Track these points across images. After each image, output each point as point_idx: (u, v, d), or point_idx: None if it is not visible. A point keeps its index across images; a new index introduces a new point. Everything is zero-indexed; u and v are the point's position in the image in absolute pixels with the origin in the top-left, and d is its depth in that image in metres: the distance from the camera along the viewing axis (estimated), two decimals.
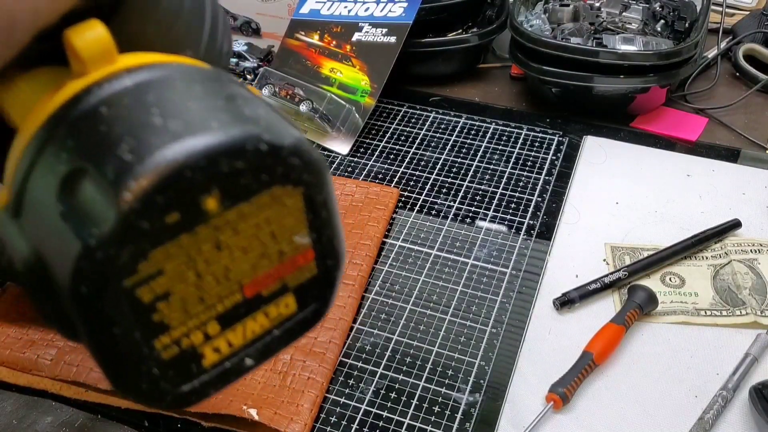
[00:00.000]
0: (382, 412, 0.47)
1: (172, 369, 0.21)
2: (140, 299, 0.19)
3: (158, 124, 0.18)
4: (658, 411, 0.46)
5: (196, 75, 0.21)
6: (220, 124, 0.19)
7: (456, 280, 0.56)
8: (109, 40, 0.21)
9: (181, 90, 0.20)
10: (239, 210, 0.20)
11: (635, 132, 0.71)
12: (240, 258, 0.21)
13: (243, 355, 0.22)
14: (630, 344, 0.50)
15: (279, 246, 0.21)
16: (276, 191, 0.20)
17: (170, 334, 0.20)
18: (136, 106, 0.19)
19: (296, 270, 0.22)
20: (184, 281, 0.20)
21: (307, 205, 0.21)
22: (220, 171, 0.18)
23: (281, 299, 0.22)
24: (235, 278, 0.21)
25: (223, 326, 0.21)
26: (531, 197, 0.63)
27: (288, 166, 0.20)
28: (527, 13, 0.77)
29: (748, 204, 0.61)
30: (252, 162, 0.19)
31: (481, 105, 0.76)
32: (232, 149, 0.18)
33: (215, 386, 0.22)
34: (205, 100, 0.20)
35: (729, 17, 0.84)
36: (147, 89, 0.20)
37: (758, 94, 0.74)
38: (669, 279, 0.54)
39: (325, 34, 0.76)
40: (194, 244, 0.19)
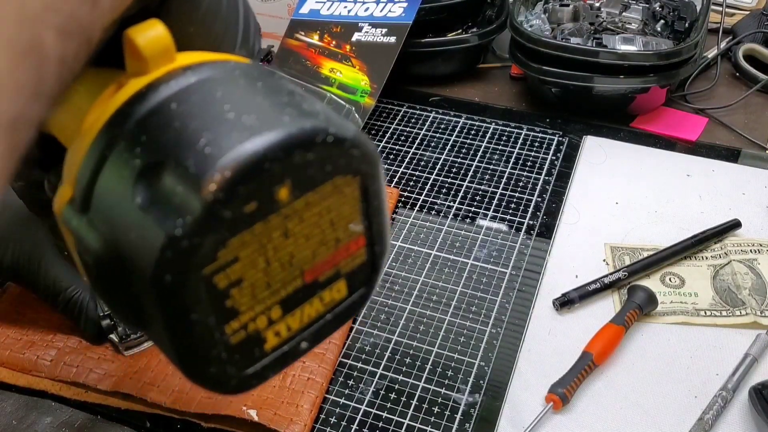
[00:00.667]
0: (381, 413, 0.47)
1: (238, 353, 0.21)
2: (216, 286, 0.20)
3: (233, 119, 0.19)
4: (657, 411, 0.46)
5: (254, 72, 0.22)
6: (291, 118, 0.20)
7: (456, 280, 0.56)
8: (170, 39, 0.22)
9: (245, 86, 0.21)
10: (306, 199, 0.21)
11: (635, 132, 0.70)
12: (303, 245, 0.22)
13: (299, 339, 0.23)
14: (630, 345, 0.50)
15: (336, 233, 0.22)
16: (337, 180, 0.21)
17: (239, 319, 0.21)
18: (207, 102, 0.20)
19: (349, 256, 0.23)
20: (255, 268, 0.20)
21: (362, 194, 0.22)
22: (293, 162, 0.19)
23: (334, 285, 0.23)
24: (298, 264, 0.22)
25: (285, 311, 0.22)
26: (531, 197, 0.63)
27: (349, 157, 0.21)
28: (527, 13, 0.77)
29: (748, 204, 0.61)
30: (320, 153, 0.20)
31: (480, 105, 0.76)
32: (305, 141, 0.19)
33: (273, 369, 0.23)
34: (270, 96, 0.21)
35: (729, 17, 0.84)
36: (213, 86, 0.21)
37: (758, 94, 0.74)
38: (669, 279, 0.54)
39: (325, 34, 0.76)
40: (266, 232, 0.20)
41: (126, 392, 0.47)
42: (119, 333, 0.49)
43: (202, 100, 0.20)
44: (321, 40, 0.76)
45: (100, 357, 0.49)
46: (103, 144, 0.20)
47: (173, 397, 0.46)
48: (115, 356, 0.49)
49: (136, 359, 0.49)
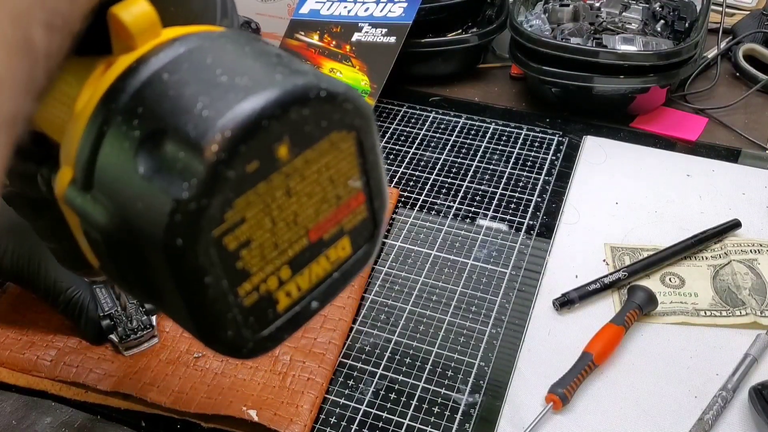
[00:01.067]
0: (381, 413, 0.47)
1: (252, 315, 0.22)
2: (227, 247, 0.20)
3: (227, 82, 0.20)
4: (657, 411, 0.46)
5: (239, 38, 0.22)
6: (283, 76, 0.20)
7: (456, 280, 0.56)
8: (155, 14, 0.22)
9: (233, 51, 0.21)
10: (305, 156, 0.21)
11: (635, 132, 0.70)
12: (306, 203, 0.22)
13: (310, 298, 0.23)
14: (630, 345, 0.50)
15: (336, 190, 0.23)
16: (333, 136, 0.22)
17: (251, 280, 0.21)
18: (199, 68, 0.20)
19: (350, 213, 0.24)
20: (262, 228, 0.21)
21: (358, 149, 0.23)
22: (290, 119, 0.20)
23: (339, 242, 0.24)
24: (302, 223, 0.22)
25: (294, 271, 0.22)
26: (531, 197, 0.63)
27: (343, 112, 0.21)
28: (527, 13, 0.77)
29: (748, 204, 0.61)
30: (315, 109, 0.20)
31: (480, 105, 0.76)
32: (300, 97, 0.20)
33: (288, 330, 0.23)
34: (259, 58, 0.21)
35: (729, 17, 0.84)
36: (202, 54, 0.21)
37: (758, 94, 0.74)
38: (669, 279, 0.54)
39: (325, 34, 0.76)
40: (269, 192, 0.21)
41: (126, 392, 0.47)
42: (119, 333, 0.49)
43: (194, 68, 0.20)
44: (321, 40, 0.76)
45: (100, 357, 0.49)
46: (100, 120, 0.21)
47: (173, 397, 0.46)
48: (115, 356, 0.49)
49: (135, 359, 0.49)
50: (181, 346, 0.50)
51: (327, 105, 0.21)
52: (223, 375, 0.48)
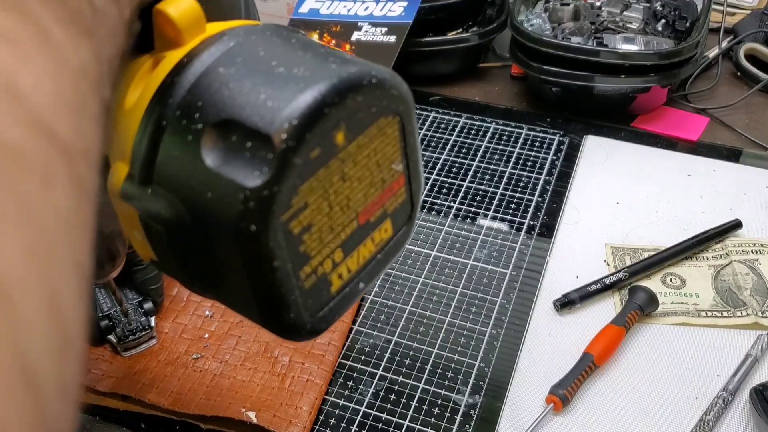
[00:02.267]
0: (381, 414, 0.46)
1: (311, 297, 0.22)
2: (292, 232, 0.21)
3: (285, 73, 0.20)
4: (658, 412, 0.46)
5: (282, 31, 0.23)
6: (336, 66, 0.21)
7: (456, 281, 0.55)
8: (199, 10, 0.23)
9: (281, 43, 0.22)
10: (358, 142, 0.22)
11: (636, 132, 0.70)
12: (356, 188, 0.23)
13: (358, 279, 0.24)
14: (630, 346, 0.49)
15: (382, 174, 0.24)
16: (381, 122, 0.23)
17: (311, 263, 0.22)
18: (253, 61, 0.21)
19: (393, 196, 0.25)
20: (321, 212, 0.22)
21: (401, 133, 0.24)
22: (347, 106, 0.21)
23: (382, 224, 0.25)
24: (353, 207, 0.23)
25: (345, 253, 0.23)
26: (531, 197, 0.63)
27: (390, 98, 0.22)
28: (527, 12, 0.76)
29: (749, 204, 0.60)
30: (368, 95, 0.21)
31: (481, 105, 0.76)
32: (355, 84, 0.21)
33: (338, 311, 0.24)
34: (308, 49, 0.22)
35: (730, 16, 0.84)
36: (253, 46, 0.22)
37: (759, 94, 0.74)
38: (669, 280, 0.54)
39: (325, 33, 0.76)
40: (328, 177, 0.21)
41: (124, 393, 0.47)
42: (118, 334, 0.49)
43: (249, 60, 0.21)
44: (320, 39, 0.76)
45: (99, 358, 0.49)
46: (157, 115, 0.21)
47: (172, 398, 0.46)
48: (113, 357, 0.49)
49: (134, 360, 0.49)
50: (179, 348, 0.50)
51: (377, 91, 0.22)
52: (221, 376, 0.48)
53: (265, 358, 0.49)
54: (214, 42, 0.22)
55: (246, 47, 0.22)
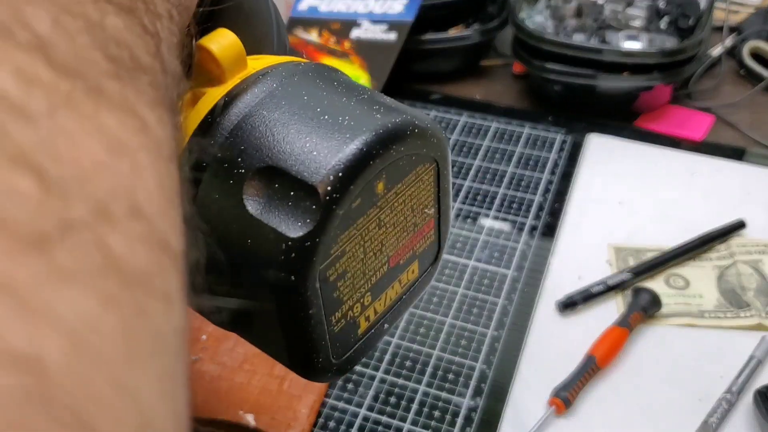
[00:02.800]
0: (381, 417, 0.46)
1: (339, 341, 0.23)
2: (328, 280, 0.21)
3: (330, 121, 0.20)
4: (661, 414, 0.45)
5: (323, 71, 0.23)
6: (381, 115, 0.21)
7: (457, 281, 0.55)
8: (241, 46, 0.22)
9: (324, 87, 0.22)
10: (396, 190, 0.22)
11: (639, 130, 0.70)
12: (390, 233, 0.23)
13: (383, 321, 0.25)
14: (633, 347, 0.49)
15: (415, 218, 0.24)
16: (419, 169, 0.23)
17: (342, 308, 0.22)
18: (297, 105, 0.21)
19: (422, 238, 0.25)
20: (356, 259, 0.22)
21: (436, 178, 0.24)
22: (390, 156, 0.21)
23: (410, 266, 0.25)
24: (386, 252, 0.23)
25: (373, 297, 0.24)
26: (533, 197, 0.62)
27: (429, 146, 0.23)
28: (529, 9, 0.76)
29: (754, 204, 0.60)
30: (410, 145, 0.21)
31: (482, 103, 0.75)
32: (399, 135, 0.21)
33: (363, 352, 0.24)
34: (350, 94, 0.22)
35: (734, 14, 0.83)
36: (296, 89, 0.21)
37: (764, 93, 0.73)
38: (673, 281, 0.54)
39: (324, 31, 0.75)
40: (365, 225, 0.22)
41: None
42: None
43: (293, 104, 0.21)
44: (320, 37, 0.75)
45: None
46: (197, 155, 0.21)
47: None
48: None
49: None
50: None
51: (419, 140, 0.22)
52: (220, 379, 0.47)
53: (264, 360, 0.48)
54: (256, 82, 0.21)
55: (289, 90, 0.21)
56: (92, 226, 0.12)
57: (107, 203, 0.12)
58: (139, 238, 0.13)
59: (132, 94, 0.15)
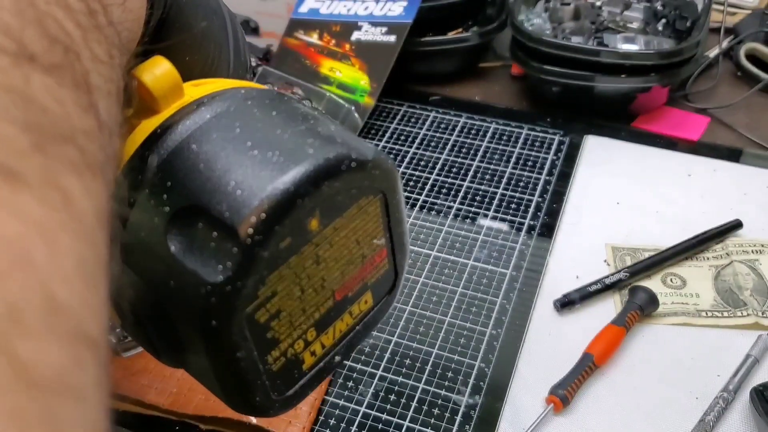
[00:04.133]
0: (381, 414, 0.46)
1: (279, 378, 0.22)
2: (258, 321, 0.20)
3: (258, 156, 0.19)
4: (658, 413, 0.45)
5: (265, 99, 0.22)
6: (314, 149, 0.20)
7: (456, 281, 0.55)
8: (177, 75, 0.21)
9: (261, 117, 0.21)
10: (334, 225, 0.21)
11: (636, 132, 0.70)
12: (333, 267, 0.22)
13: (333, 353, 0.24)
14: (631, 346, 0.49)
15: (362, 250, 0.23)
16: (362, 202, 0.22)
17: (279, 347, 0.21)
18: (228, 139, 0.20)
19: (374, 269, 0.24)
20: (291, 298, 0.21)
21: (383, 209, 0.23)
22: (322, 193, 0.20)
23: (362, 297, 0.24)
24: (329, 286, 0.22)
25: (319, 332, 0.23)
26: (531, 197, 0.63)
27: (372, 178, 0.21)
28: (528, 11, 0.76)
29: (750, 204, 0.60)
30: (346, 180, 0.20)
31: (481, 104, 0.75)
32: (332, 171, 0.20)
33: (311, 386, 0.23)
34: (287, 125, 0.20)
35: (730, 16, 0.84)
36: (230, 121, 0.20)
37: (760, 94, 0.74)
38: (670, 280, 0.54)
39: (324, 33, 0.76)
40: (300, 263, 0.20)
41: (123, 394, 0.47)
42: (117, 334, 0.49)
43: (223, 138, 0.20)
44: (320, 39, 0.75)
45: None
46: (125, 192, 0.20)
47: (171, 399, 0.46)
48: (112, 358, 0.49)
49: (133, 361, 0.49)
50: None
51: (357, 174, 0.21)
52: None
53: None
54: (190, 113, 0.21)
55: (222, 121, 0.20)
56: (1, 336, 0.11)
57: (18, 305, 0.12)
58: (52, 337, 0.12)
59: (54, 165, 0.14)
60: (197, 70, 0.25)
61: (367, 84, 0.71)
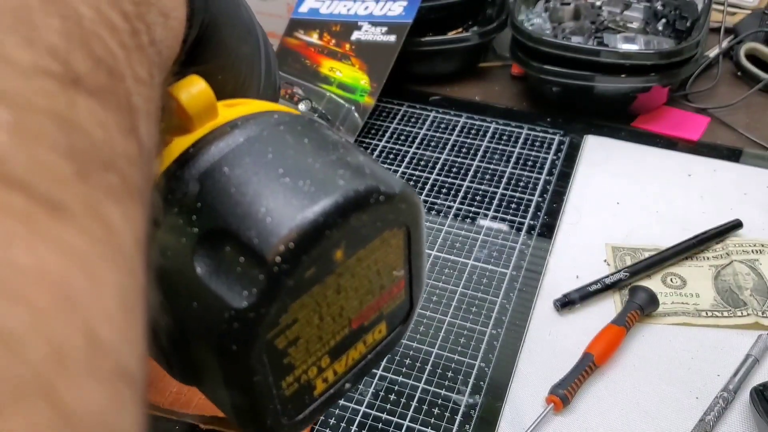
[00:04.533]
0: (381, 414, 0.46)
1: (291, 403, 0.22)
2: (277, 347, 0.20)
3: (289, 185, 0.19)
4: (658, 412, 0.45)
5: (297, 126, 0.21)
6: (344, 181, 0.20)
7: (456, 280, 0.55)
8: (212, 95, 0.21)
9: (293, 144, 0.21)
10: (358, 256, 0.21)
11: (636, 131, 0.70)
12: (352, 297, 0.22)
13: (344, 381, 0.24)
14: (631, 345, 0.49)
15: (381, 281, 0.23)
16: (386, 235, 0.22)
17: (294, 373, 0.21)
18: (260, 165, 0.20)
19: (391, 299, 0.24)
20: (311, 325, 0.21)
21: (406, 242, 0.23)
22: (350, 225, 0.20)
23: (377, 326, 0.24)
24: (346, 315, 0.22)
25: (332, 358, 0.23)
26: (531, 197, 0.63)
27: (397, 212, 0.21)
28: (528, 11, 0.76)
29: (750, 204, 0.60)
30: (373, 213, 0.20)
31: (481, 104, 0.76)
32: (360, 204, 0.20)
33: (320, 411, 0.23)
34: (319, 154, 0.20)
35: (730, 16, 0.84)
36: (262, 146, 0.20)
37: (760, 94, 0.74)
38: (670, 280, 0.54)
39: (324, 33, 0.76)
40: (322, 292, 0.20)
41: None
42: None
43: (255, 163, 0.20)
44: (320, 39, 0.76)
45: None
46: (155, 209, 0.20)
47: (171, 398, 0.46)
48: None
49: None
50: None
51: (384, 207, 0.21)
52: None
53: None
54: (223, 134, 0.21)
55: (255, 146, 0.20)
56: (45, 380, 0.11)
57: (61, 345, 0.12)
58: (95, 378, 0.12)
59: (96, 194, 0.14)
60: (229, 90, 0.25)
61: (367, 84, 0.71)
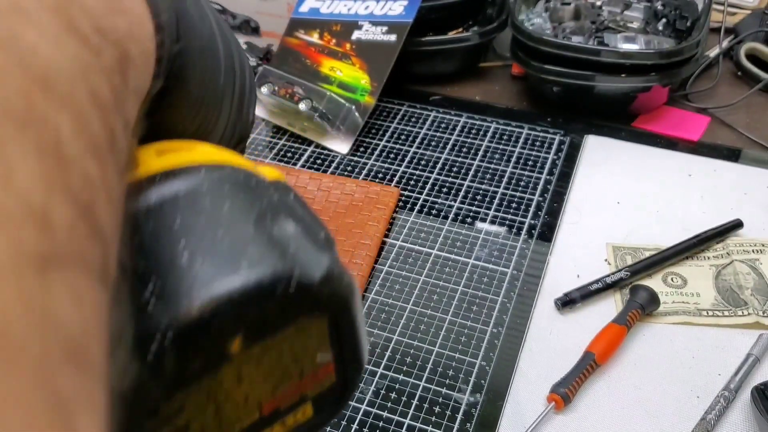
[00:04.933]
0: (382, 413, 0.46)
1: None
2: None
3: (185, 264, 0.17)
4: (659, 411, 0.45)
5: (225, 184, 0.19)
6: (249, 262, 0.17)
7: (456, 280, 0.55)
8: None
9: (208, 210, 0.19)
10: (263, 345, 0.19)
11: (637, 131, 0.70)
12: (260, 384, 0.20)
13: None
14: (632, 345, 0.49)
15: (300, 367, 0.21)
16: (301, 321, 0.19)
17: None
18: (162, 234, 0.18)
19: (316, 383, 0.22)
20: (204, 413, 0.19)
21: (331, 327, 0.21)
22: (248, 315, 0.18)
23: (299, 408, 0.22)
24: (254, 400, 0.20)
25: None
26: (532, 197, 0.63)
27: (316, 299, 0.19)
28: (528, 11, 0.76)
29: (750, 204, 0.60)
30: (280, 302, 0.18)
31: (481, 104, 0.76)
32: (262, 293, 0.17)
33: None
34: (234, 225, 0.18)
35: (731, 16, 0.84)
36: (172, 211, 0.18)
37: (760, 94, 0.74)
38: (671, 279, 0.54)
39: (325, 32, 0.76)
40: (216, 381, 0.19)
41: None
42: None
43: (156, 232, 0.18)
44: (321, 38, 0.76)
45: None
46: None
47: None
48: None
49: None
50: None
51: (296, 296, 0.18)
52: None
53: None
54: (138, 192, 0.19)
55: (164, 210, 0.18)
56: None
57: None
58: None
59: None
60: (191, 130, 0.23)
61: (368, 83, 0.71)
